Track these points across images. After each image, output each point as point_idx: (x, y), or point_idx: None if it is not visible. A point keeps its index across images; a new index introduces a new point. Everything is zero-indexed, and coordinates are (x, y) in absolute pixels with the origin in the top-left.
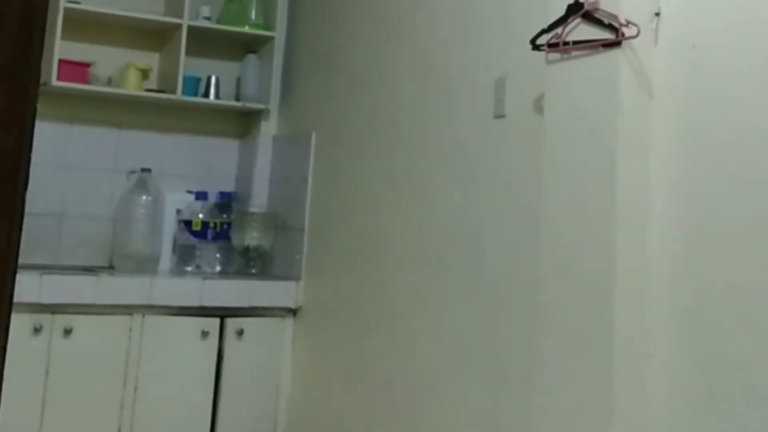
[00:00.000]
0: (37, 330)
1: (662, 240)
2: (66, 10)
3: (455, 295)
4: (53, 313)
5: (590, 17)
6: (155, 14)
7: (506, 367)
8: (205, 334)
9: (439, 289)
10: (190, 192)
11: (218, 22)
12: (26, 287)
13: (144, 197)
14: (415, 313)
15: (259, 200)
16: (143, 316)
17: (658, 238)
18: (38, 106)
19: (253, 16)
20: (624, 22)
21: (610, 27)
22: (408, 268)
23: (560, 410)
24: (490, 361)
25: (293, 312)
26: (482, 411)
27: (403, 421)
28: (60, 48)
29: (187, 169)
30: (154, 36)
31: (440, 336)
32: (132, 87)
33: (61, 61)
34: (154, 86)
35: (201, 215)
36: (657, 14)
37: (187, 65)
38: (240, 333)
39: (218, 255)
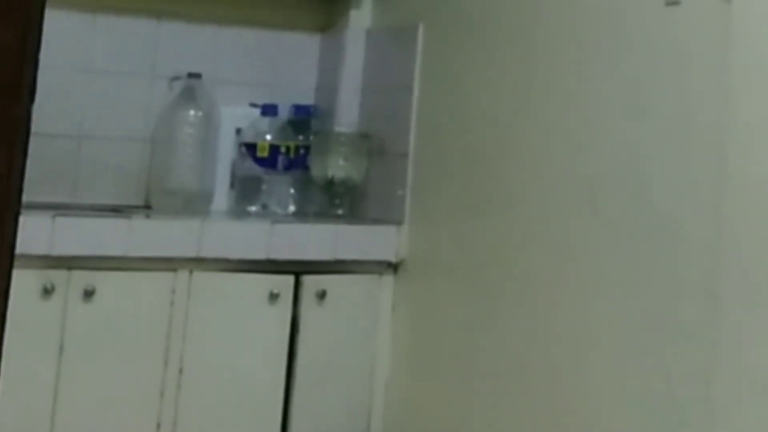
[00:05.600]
0: (47, 291)
1: None
2: None
3: (611, 248)
4: (69, 268)
5: None
6: None
7: (679, 345)
8: (274, 296)
9: (590, 239)
10: (253, 105)
11: None
12: (33, 234)
13: (192, 112)
14: (558, 271)
15: (347, 116)
16: (191, 272)
17: None
18: None
19: None
20: None
21: None
22: (549, 209)
23: (751, 399)
24: (658, 336)
25: (394, 267)
26: (646, 401)
27: (541, 416)
28: None
29: (249, 75)
30: None
31: (590, 303)
32: None
33: None
34: None
35: (269, 137)
36: None
37: None
38: (321, 296)
39: (292, 190)
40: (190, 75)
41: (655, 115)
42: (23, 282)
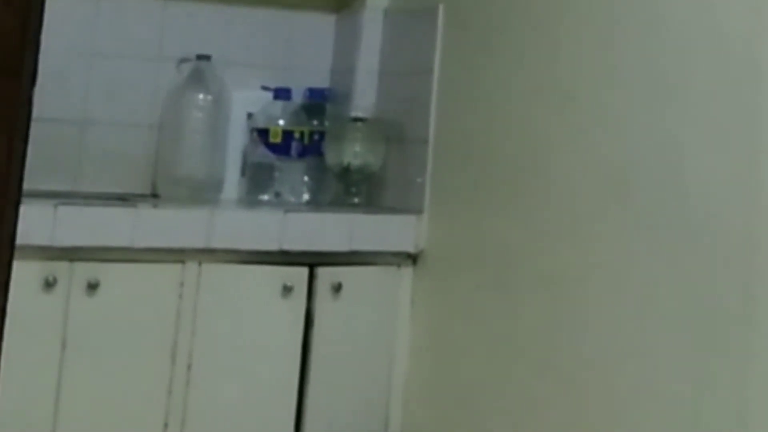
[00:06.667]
0: (49, 284)
1: None
2: None
3: (639, 240)
4: (72, 260)
5: None
6: None
7: (712, 341)
8: (287, 289)
9: (618, 230)
10: (265, 88)
11: None
12: (35, 223)
13: (201, 96)
14: (583, 264)
15: (363, 100)
16: (200, 264)
17: None
18: None
19: None
20: None
21: None
22: (575, 198)
23: None
24: (691, 332)
25: (413, 258)
26: (677, 400)
27: (564, 413)
28: None
29: (261, 57)
30: None
31: (617, 297)
32: None
33: None
34: None
35: (282, 122)
36: None
37: None
38: (337, 288)
39: (306, 178)
40: (199, 57)
41: (688, 99)
42: (24, 274)
